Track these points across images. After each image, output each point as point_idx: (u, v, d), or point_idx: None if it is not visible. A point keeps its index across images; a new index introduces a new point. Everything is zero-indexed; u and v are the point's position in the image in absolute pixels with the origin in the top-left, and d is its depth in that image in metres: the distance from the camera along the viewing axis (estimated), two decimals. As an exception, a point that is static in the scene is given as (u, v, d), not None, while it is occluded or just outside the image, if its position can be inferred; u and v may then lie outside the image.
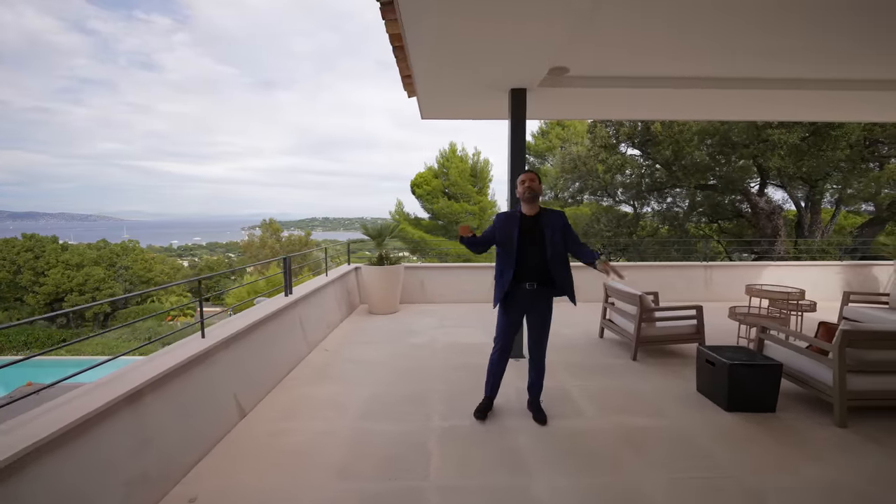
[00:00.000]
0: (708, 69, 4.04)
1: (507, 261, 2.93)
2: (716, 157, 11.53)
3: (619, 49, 3.57)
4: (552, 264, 2.88)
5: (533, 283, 2.91)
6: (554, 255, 2.86)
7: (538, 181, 2.87)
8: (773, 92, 4.50)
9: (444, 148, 24.83)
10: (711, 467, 2.57)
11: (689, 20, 3.05)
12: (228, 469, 2.54)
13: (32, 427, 1.78)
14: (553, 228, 2.86)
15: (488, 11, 2.69)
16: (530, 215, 2.91)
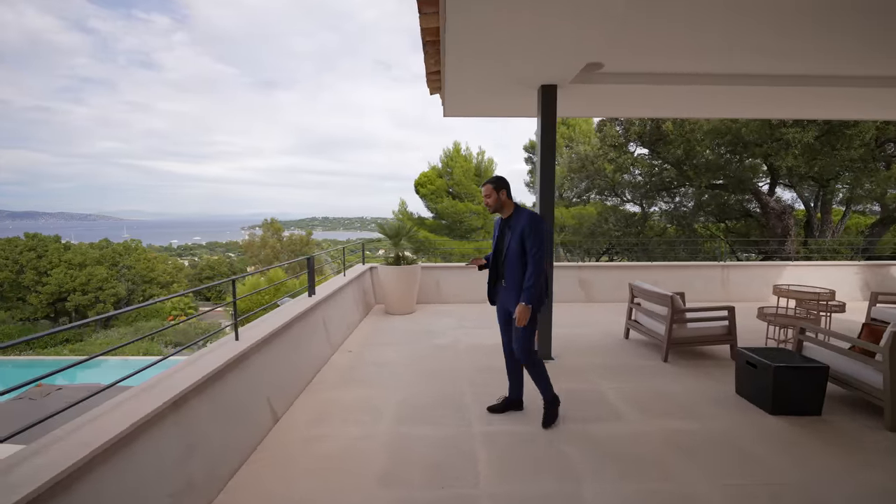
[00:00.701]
0: (744, 66, 3.96)
1: (489, 260, 3.18)
2: (727, 156, 11.46)
3: (655, 45, 3.49)
4: (506, 263, 2.99)
5: (504, 281, 3.05)
6: (509, 255, 2.96)
7: (493, 194, 2.96)
8: (804, 89, 4.43)
9: (448, 147, 24.77)
10: (764, 473, 2.50)
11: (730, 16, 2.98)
12: (271, 476, 2.46)
13: (85, 434, 1.70)
14: (514, 230, 2.94)
15: (535, 4, 2.61)
16: (505, 218, 3.06)
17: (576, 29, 2.95)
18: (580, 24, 2.86)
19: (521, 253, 2.89)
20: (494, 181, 2.98)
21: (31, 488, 1.37)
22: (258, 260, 42.99)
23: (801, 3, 2.84)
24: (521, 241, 2.89)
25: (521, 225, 2.89)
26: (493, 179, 2.99)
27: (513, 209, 3.00)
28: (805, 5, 2.86)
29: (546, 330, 4.43)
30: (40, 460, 1.53)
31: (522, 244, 2.88)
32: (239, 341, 2.94)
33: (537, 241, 2.83)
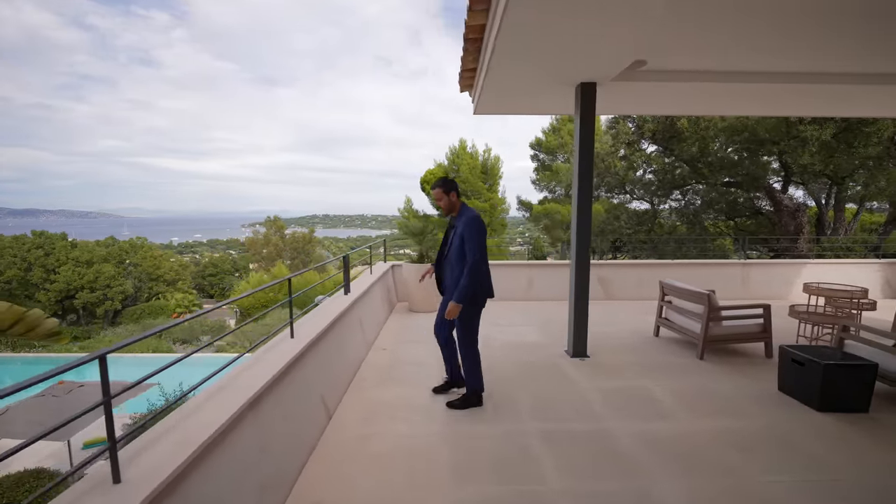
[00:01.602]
0: (782, 64, 3.96)
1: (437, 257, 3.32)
2: (742, 153, 11.45)
3: (698, 42, 3.48)
4: (447, 262, 3.15)
5: (446, 277, 3.21)
6: (450, 254, 3.10)
7: (444, 197, 3.06)
8: (836, 87, 4.43)
9: (454, 144, 24.73)
10: (820, 469, 2.52)
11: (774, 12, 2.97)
12: (337, 474, 2.48)
13: (177, 436, 1.70)
14: (456, 232, 3.06)
15: (593, 3, 2.61)
16: (453, 218, 3.20)
17: (629, 27, 2.95)
18: (634, 22, 2.86)
19: (461, 253, 3.00)
20: (443, 184, 3.03)
21: (149, 489, 1.39)
22: (261, 258, 43.08)
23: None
24: (462, 241, 2.99)
25: (461, 225, 3.00)
26: (441, 182, 3.05)
27: (459, 208, 3.12)
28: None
29: (581, 329, 4.45)
30: (153, 457, 1.55)
31: (462, 245, 2.99)
32: (294, 339, 2.95)
33: (473, 244, 2.93)
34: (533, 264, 7.63)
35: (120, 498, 1.33)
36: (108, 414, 1.39)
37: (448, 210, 3.11)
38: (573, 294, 4.40)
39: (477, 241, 2.93)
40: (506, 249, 28.40)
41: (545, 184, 23.49)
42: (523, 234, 64.70)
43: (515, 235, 58.31)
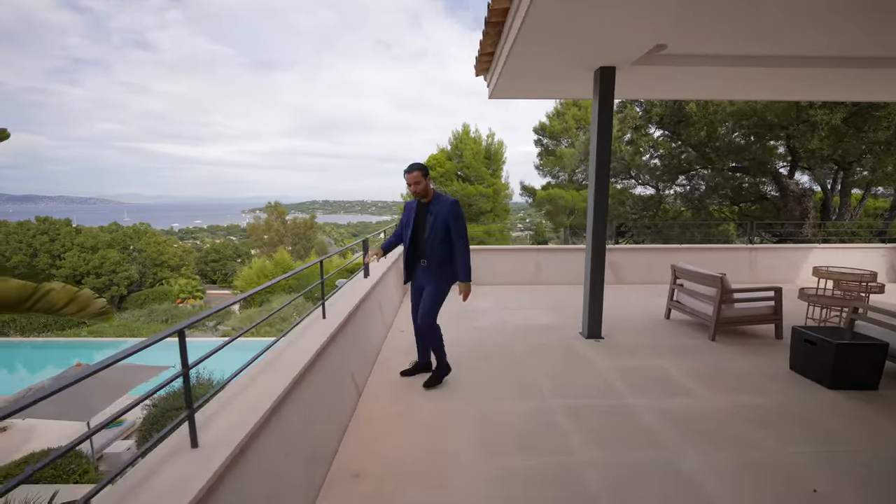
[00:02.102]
0: (802, 48, 3.96)
1: (405, 242, 3.35)
2: (750, 138, 11.40)
3: (719, 26, 3.48)
4: (428, 245, 3.19)
5: (424, 261, 3.25)
6: (431, 238, 3.17)
7: (422, 181, 3.10)
8: (851, 71, 4.43)
9: (457, 129, 24.53)
10: (837, 441, 2.64)
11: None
12: (374, 446, 2.60)
13: (237, 410, 1.80)
14: (437, 216, 3.15)
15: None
16: (425, 203, 3.24)
17: (653, 12, 2.96)
18: (659, 6, 2.87)
19: (444, 236, 3.15)
20: (422, 168, 3.09)
21: (225, 454, 1.49)
22: (262, 243, 43.14)
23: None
24: (444, 226, 3.13)
25: (445, 211, 3.14)
26: (419, 166, 3.10)
27: (433, 194, 3.21)
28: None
29: (596, 311, 4.55)
30: (219, 428, 1.65)
31: (446, 228, 3.13)
32: (326, 320, 3.05)
33: (462, 225, 3.18)
34: (541, 249, 7.70)
35: (201, 459, 1.43)
36: (186, 383, 1.48)
37: (423, 194, 3.17)
38: (588, 277, 4.48)
39: (464, 224, 3.20)
40: (508, 235, 28.47)
41: (548, 169, 23.40)
42: (524, 220, 64.60)
43: (516, 221, 58.15)
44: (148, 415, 7.51)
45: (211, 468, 1.37)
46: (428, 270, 3.24)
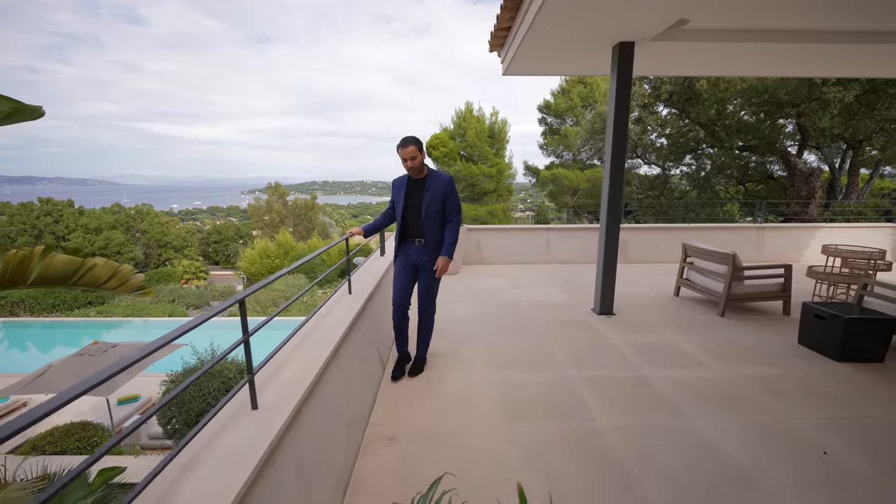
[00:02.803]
0: (824, 23, 3.90)
1: (398, 220, 3.16)
2: (760, 115, 11.26)
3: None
4: (426, 224, 3.04)
5: (421, 240, 3.10)
6: (428, 216, 3.03)
7: (418, 156, 2.95)
8: (872, 46, 4.37)
9: (459, 107, 24.15)
10: (848, 408, 2.77)
11: None
12: (403, 414, 2.73)
13: (284, 381, 1.89)
14: (433, 194, 3.01)
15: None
16: (418, 179, 3.07)
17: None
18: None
19: (440, 213, 3.04)
20: (417, 142, 2.94)
21: (284, 415, 1.59)
22: (264, 224, 43.12)
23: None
24: (442, 203, 3.02)
25: (442, 187, 3.02)
26: (415, 140, 2.94)
27: (426, 171, 3.06)
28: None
29: (609, 288, 4.64)
30: (272, 393, 1.75)
31: (443, 205, 3.03)
32: (353, 295, 3.14)
33: (457, 202, 3.06)
34: (551, 228, 7.75)
35: (262, 420, 1.53)
36: (247, 350, 1.57)
37: (419, 170, 3.01)
38: (602, 254, 4.55)
39: (459, 201, 3.09)
40: (511, 216, 28.39)
41: (552, 148, 23.15)
42: (525, 201, 64.24)
43: (517, 202, 57.93)
44: (167, 390, 7.73)
45: (274, 428, 1.47)
46: (425, 250, 3.09)
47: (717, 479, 2.13)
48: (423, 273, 3.15)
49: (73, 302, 22.25)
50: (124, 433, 1.09)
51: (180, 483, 1.18)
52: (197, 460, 1.28)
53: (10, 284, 2.07)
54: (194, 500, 1.13)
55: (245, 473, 1.23)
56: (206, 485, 1.19)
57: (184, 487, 1.17)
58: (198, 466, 1.26)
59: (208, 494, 1.15)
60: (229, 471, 1.24)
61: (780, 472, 2.18)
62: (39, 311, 21.06)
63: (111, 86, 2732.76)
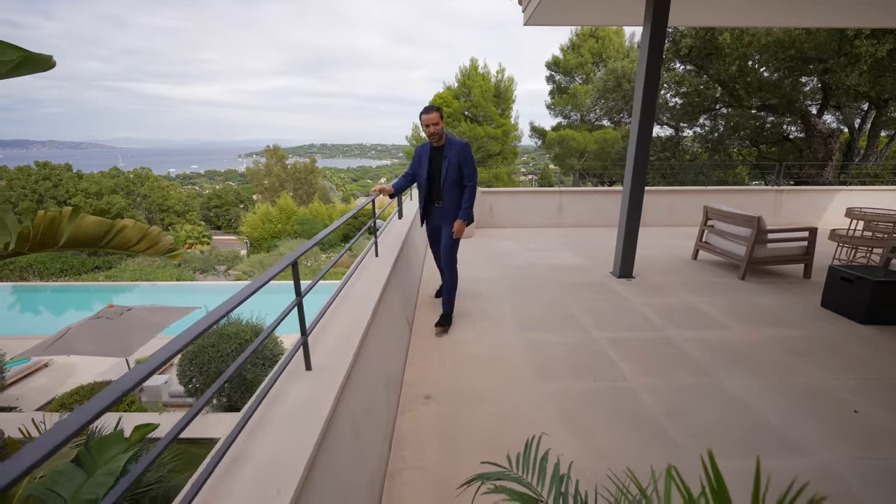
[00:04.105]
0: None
1: (420, 185, 3.39)
2: (783, 71, 10.75)
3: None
4: (445, 188, 3.26)
5: (440, 203, 3.33)
6: (447, 181, 3.23)
7: (440, 123, 3.11)
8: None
9: (464, 64, 23.12)
10: (873, 370, 2.79)
11: None
12: (435, 373, 2.76)
13: (331, 342, 1.89)
14: (450, 160, 3.20)
15: None
16: (437, 147, 3.27)
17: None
18: None
19: (458, 178, 3.22)
20: (440, 111, 3.11)
21: (340, 376, 1.59)
22: (264, 188, 42.60)
23: None
24: (458, 168, 3.20)
25: (458, 154, 3.19)
26: (438, 109, 3.12)
27: (445, 138, 3.21)
28: None
29: (630, 251, 4.60)
30: (322, 354, 1.74)
31: (459, 171, 3.20)
32: (379, 258, 3.10)
33: (472, 168, 3.22)
34: (563, 191, 7.61)
35: (318, 379, 1.53)
36: (300, 312, 1.54)
37: (439, 136, 3.16)
38: (625, 216, 4.47)
39: (475, 167, 3.25)
40: (516, 179, 27.88)
41: (560, 108, 22.36)
42: (527, 164, 63.01)
43: (519, 165, 56.93)
44: (185, 353, 7.92)
45: (333, 388, 1.48)
46: (444, 212, 3.34)
47: (749, 434, 2.18)
48: (443, 234, 3.39)
49: (80, 267, 22.43)
50: (199, 404, 1.08)
51: (254, 441, 1.19)
52: (265, 420, 1.29)
53: (41, 247, 2.03)
54: (273, 457, 1.13)
55: (315, 432, 1.24)
56: (280, 443, 1.19)
57: (258, 445, 1.18)
58: (267, 426, 1.26)
59: (286, 452, 1.15)
60: (300, 430, 1.25)
61: (812, 428, 2.22)
62: (48, 275, 21.27)
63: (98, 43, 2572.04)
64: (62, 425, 0.62)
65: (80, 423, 0.65)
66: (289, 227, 28.54)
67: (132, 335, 7.73)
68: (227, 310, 1.16)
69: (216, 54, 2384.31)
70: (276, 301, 2.19)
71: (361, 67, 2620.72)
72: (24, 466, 0.55)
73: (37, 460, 0.57)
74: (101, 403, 0.69)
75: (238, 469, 1.09)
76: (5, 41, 2.01)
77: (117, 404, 0.72)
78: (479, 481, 0.86)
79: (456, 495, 1.65)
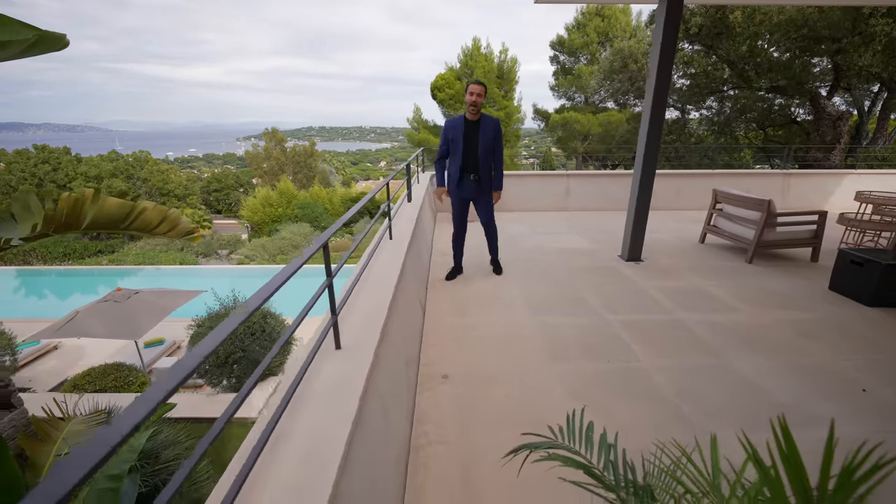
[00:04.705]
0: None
1: (453, 158, 3.63)
2: (795, 51, 10.53)
3: None
4: (482, 161, 3.58)
5: (476, 176, 3.63)
6: (483, 154, 3.56)
7: (483, 94, 3.37)
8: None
9: (466, 44, 22.64)
10: (882, 351, 2.84)
11: None
12: (451, 354, 2.81)
13: (356, 321, 1.92)
14: (486, 134, 3.51)
15: None
16: (473, 120, 3.51)
17: None
18: None
19: (491, 152, 3.57)
20: (484, 84, 3.39)
21: (369, 355, 1.63)
22: (263, 172, 42.29)
23: None
24: (493, 141, 3.53)
25: (493, 129, 3.52)
26: (482, 82, 3.42)
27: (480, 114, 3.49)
28: None
29: (639, 234, 4.61)
30: (349, 334, 1.78)
31: (492, 145, 3.54)
32: (393, 240, 3.12)
33: (502, 143, 3.60)
34: (571, 174, 7.56)
35: (348, 357, 1.57)
36: (331, 292, 1.56)
37: (478, 109, 3.40)
38: (635, 199, 4.46)
39: (503, 142, 3.61)
40: (519, 163, 27.61)
41: (564, 90, 21.98)
42: (528, 147, 62.32)
43: (521, 148, 56.38)
44: (195, 334, 8.02)
45: (364, 366, 1.51)
46: (478, 184, 3.65)
47: (761, 413, 2.23)
48: (482, 206, 3.82)
49: (83, 251, 22.48)
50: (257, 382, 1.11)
51: (293, 419, 1.23)
52: (303, 397, 1.32)
53: (65, 228, 2.04)
54: (314, 433, 1.17)
55: (352, 408, 1.28)
56: (319, 419, 1.23)
57: (299, 422, 1.21)
58: (306, 403, 1.30)
59: (326, 428, 1.19)
60: (337, 407, 1.29)
61: (823, 407, 2.28)
62: (51, 259, 21.34)
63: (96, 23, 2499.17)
64: (142, 401, 0.63)
65: (156, 401, 0.65)
66: (289, 211, 28.42)
67: (141, 318, 7.82)
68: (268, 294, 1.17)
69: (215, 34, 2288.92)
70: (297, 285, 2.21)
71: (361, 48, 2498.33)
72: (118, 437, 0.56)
73: (124, 435, 0.57)
74: (174, 381, 0.70)
75: (282, 445, 1.13)
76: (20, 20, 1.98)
77: (182, 385, 0.73)
78: (527, 450, 0.90)
79: (502, 465, 1.71)
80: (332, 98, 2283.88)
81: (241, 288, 9.01)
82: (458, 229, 4.01)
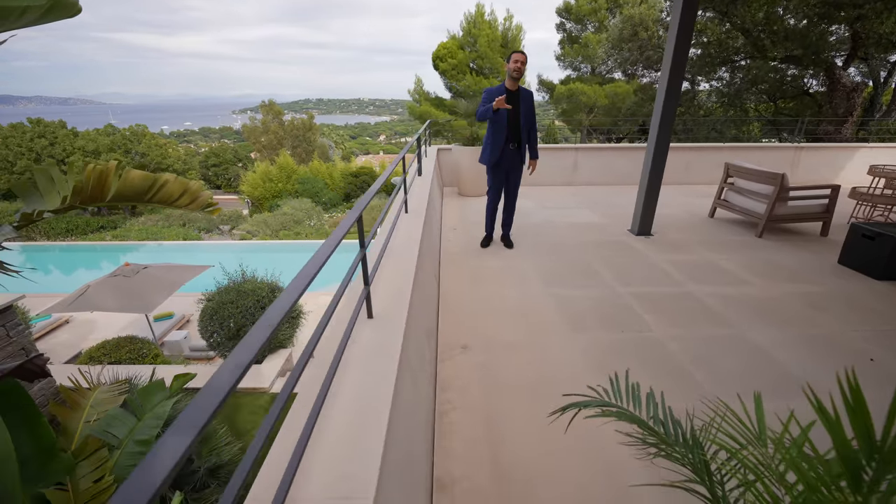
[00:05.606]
0: None
1: (497, 127, 3.71)
2: (812, 19, 10.16)
3: None
4: (523, 130, 3.73)
5: (515, 144, 3.77)
6: (525, 123, 3.72)
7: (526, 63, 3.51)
8: None
9: (469, 11, 21.80)
10: (890, 322, 2.90)
11: None
12: (469, 325, 2.88)
13: (385, 291, 1.96)
14: (525, 103, 3.66)
15: None
16: (513, 90, 3.61)
17: None
18: None
19: (531, 120, 3.74)
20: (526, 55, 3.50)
21: (401, 323, 1.67)
22: (261, 146, 41.66)
23: None
24: (530, 111, 3.69)
25: (530, 101, 3.69)
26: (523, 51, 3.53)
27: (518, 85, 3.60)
28: None
29: (650, 208, 4.60)
30: (377, 302, 1.82)
31: (532, 113, 3.70)
32: (409, 213, 3.12)
33: (534, 111, 3.74)
34: (579, 147, 7.46)
35: (381, 326, 1.62)
36: (363, 264, 1.59)
37: (520, 77, 3.52)
38: (648, 173, 4.43)
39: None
40: (521, 136, 27.05)
41: (570, 60, 21.31)
42: (532, 121, 60.60)
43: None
44: (205, 307, 8.14)
45: (398, 335, 1.56)
46: (517, 153, 3.78)
47: (774, 380, 2.31)
48: (514, 174, 3.93)
49: (85, 226, 22.45)
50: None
51: (341, 384, 1.28)
52: (346, 363, 1.37)
53: (91, 200, 2.05)
54: (359, 395, 1.23)
55: (392, 373, 1.33)
56: (362, 382, 1.28)
57: (344, 388, 1.26)
58: (348, 367, 1.35)
59: (370, 392, 1.24)
60: (376, 371, 1.34)
61: (833, 373, 2.35)
62: (55, 235, 21.35)
63: None
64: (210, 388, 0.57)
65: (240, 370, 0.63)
66: (290, 186, 28.18)
67: (151, 292, 7.92)
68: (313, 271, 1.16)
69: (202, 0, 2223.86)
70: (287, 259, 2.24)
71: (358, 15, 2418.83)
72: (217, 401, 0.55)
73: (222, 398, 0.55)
74: (252, 350, 0.69)
75: (332, 401, 1.18)
76: (33, -16, 1.93)
77: (262, 354, 0.75)
78: (576, 409, 0.95)
79: (549, 422, 1.80)
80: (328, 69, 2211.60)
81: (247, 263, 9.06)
82: (494, 199, 4.11)
